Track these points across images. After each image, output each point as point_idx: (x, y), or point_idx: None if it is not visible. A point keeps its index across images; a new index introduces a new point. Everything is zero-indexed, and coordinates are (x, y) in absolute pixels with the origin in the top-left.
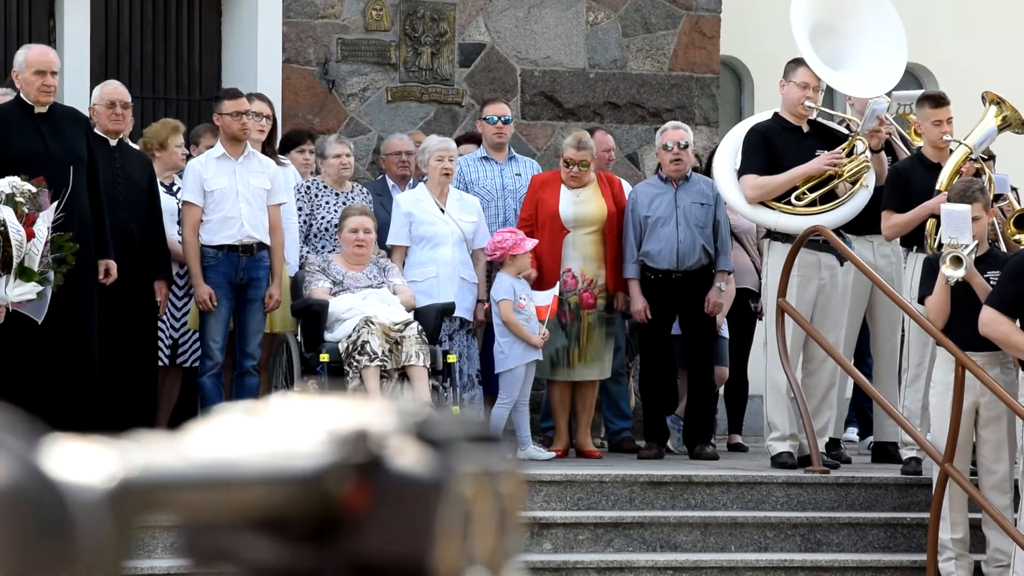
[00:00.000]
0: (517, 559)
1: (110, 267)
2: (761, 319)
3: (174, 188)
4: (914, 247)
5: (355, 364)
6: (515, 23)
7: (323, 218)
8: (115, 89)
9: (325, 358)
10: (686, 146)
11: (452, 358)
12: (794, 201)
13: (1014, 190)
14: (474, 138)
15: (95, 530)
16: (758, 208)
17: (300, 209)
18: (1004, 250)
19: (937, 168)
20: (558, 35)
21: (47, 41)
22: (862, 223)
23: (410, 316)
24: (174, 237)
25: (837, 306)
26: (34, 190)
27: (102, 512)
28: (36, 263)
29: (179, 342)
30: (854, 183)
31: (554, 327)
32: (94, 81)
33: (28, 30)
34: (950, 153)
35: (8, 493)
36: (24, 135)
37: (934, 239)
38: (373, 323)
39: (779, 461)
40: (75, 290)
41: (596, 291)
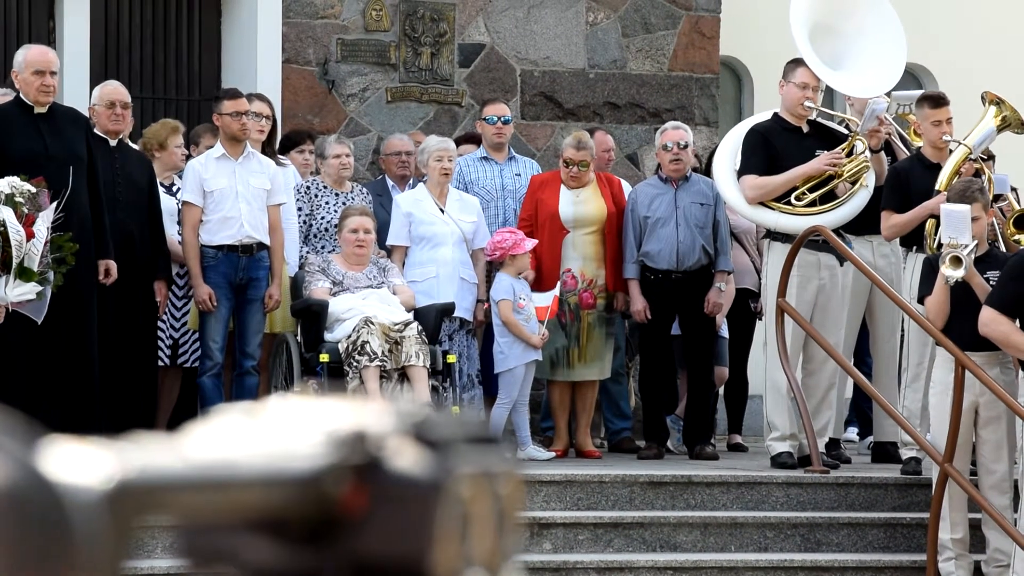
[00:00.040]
0: (515, 560)
1: (110, 267)
2: (761, 319)
3: (174, 188)
4: (914, 247)
5: (355, 364)
6: (515, 23)
7: (323, 218)
8: (115, 89)
9: (325, 358)
10: (686, 146)
11: (452, 358)
12: (794, 201)
13: (1014, 190)
14: (474, 138)
15: (92, 531)
16: (758, 208)
17: (300, 209)
18: (1004, 250)
19: (937, 168)
20: (558, 35)
21: (47, 41)
22: (862, 223)
23: (410, 316)
24: (174, 237)
25: (837, 306)
26: (34, 190)
27: (100, 513)
28: (36, 263)
29: (179, 342)
30: (854, 183)
31: (554, 327)
32: (94, 81)
33: (28, 30)
34: (949, 153)
35: (5, 494)
36: (24, 135)
37: (934, 239)
38: (373, 323)
39: (779, 461)
40: (75, 290)
41: (596, 291)
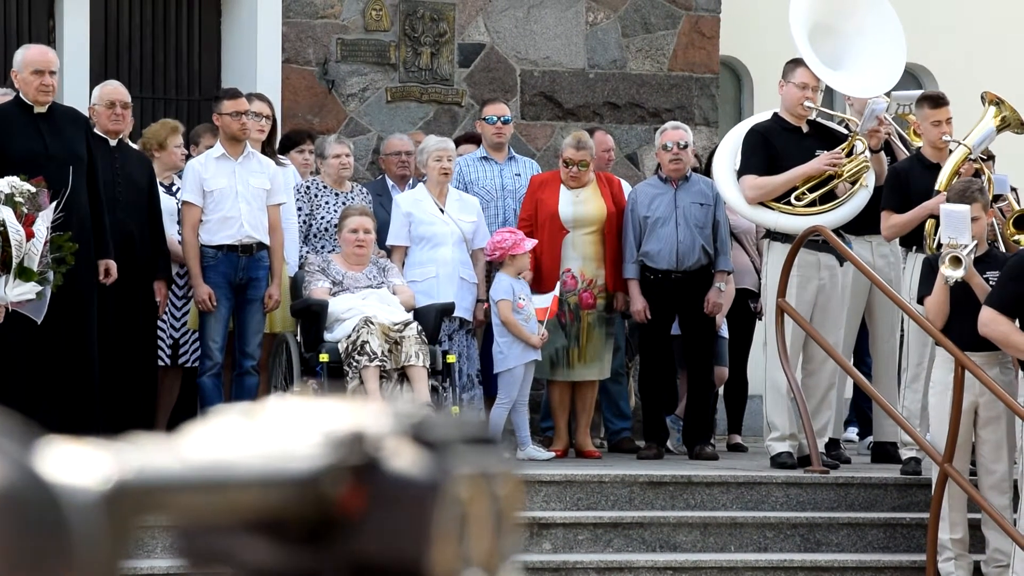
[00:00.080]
0: (514, 560)
1: (110, 267)
2: (761, 319)
3: (173, 188)
4: (913, 247)
5: (355, 364)
6: (515, 23)
7: (323, 218)
8: (115, 89)
9: (325, 358)
10: (685, 146)
11: (452, 358)
12: (794, 201)
13: (1013, 190)
14: (474, 138)
15: (90, 532)
16: (758, 208)
17: (300, 209)
18: (1003, 250)
19: (936, 168)
20: (558, 35)
21: (47, 41)
22: (861, 223)
23: (410, 316)
24: (174, 237)
25: (837, 306)
26: (33, 190)
27: (97, 514)
28: (35, 263)
29: (180, 342)
30: (854, 183)
31: (554, 327)
32: (94, 81)
33: (28, 30)
34: (949, 153)
35: (3, 496)
36: (24, 135)
37: (933, 239)
38: (373, 323)
39: (779, 461)
40: (75, 290)
41: (596, 291)
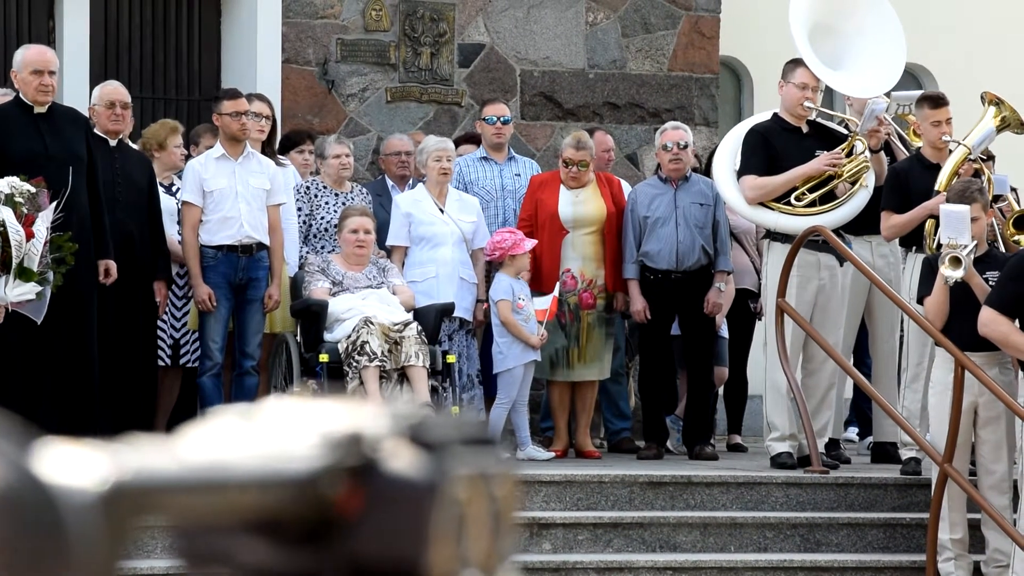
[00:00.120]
0: (511, 561)
1: (110, 267)
2: (760, 319)
3: (173, 188)
4: (913, 247)
5: (354, 364)
6: (514, 23)
7: (323, 218)
8: (115, 89)
9: (324, 358)
10: (685, 146)
11: (451, 358)
12: (793, 201)
13: (1013, 191)
14: (473, 138)
15: (87, 534)
16: (757, 208)
17: (300, 209)
18: (1003, 251)
19: (936, 168)
20: (557, 35)
21: (47, 41)
22: (861, 223)
23: (409, 316)
24: (174, 237)
25: (837, 306)
26: (33, 190)
27: (94, 515)
28: (35, 263)
29: (180, 342)
30: (853, 183)
31: (553, 327)
32: (94, 81)
33: (28, 31)
34: (949, 153)
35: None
36: (23, 135)
37: (933, 239)
38: (372, 323)
39: (778, 461)
40: (74, 290)
41: (595, 291)
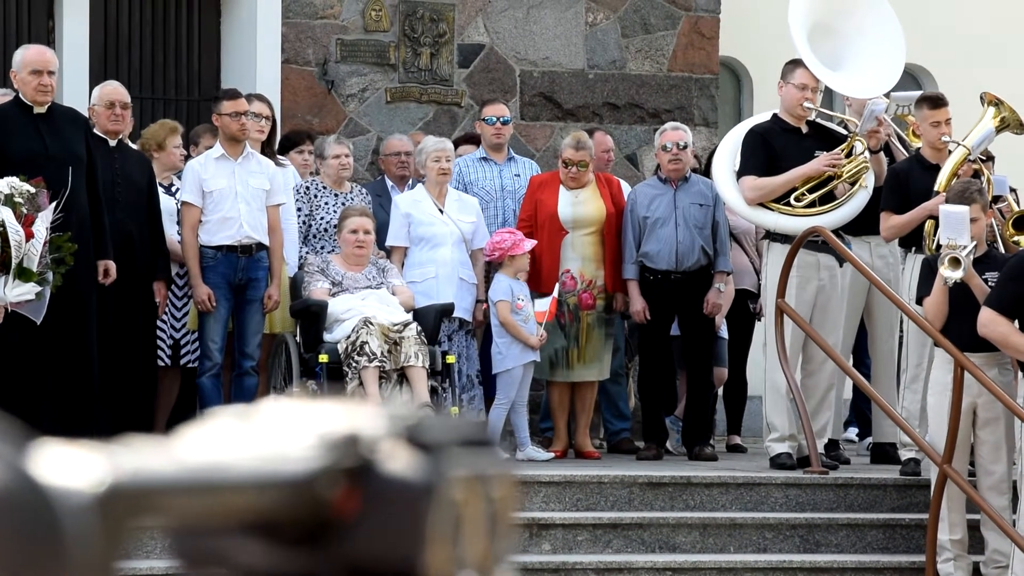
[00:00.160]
0: (508, 563)
1: (109, 267)
2: (760, 320)
3: (173, 189)
4: (912, 248)
5: (354, 365)
6: (514, 24)
7: (322, 219)
8: (114, 90)
9: (324, 359)
10: (685, 147)
11: (451, 359)
12: (793, 202)
13: (1013, 191)
14: (473, 139)
15: (84, 535)
16: (757, 209)
17: (299, 210)
18: (1002, 251)
19: (936, 169)
20: (557, 36)
21: (46, 41)
22: (860, 224)
23: (409, 317)
24: (173, 237)
25: (836, 307)
26: (33, 190)
27: (91, 517)
28: (35, 263)
29: (180, 343)
30: (853, 184)
31: (553, 328)
32: (93, 81)
33: (28, 31)
34: (948, 154)
35: None
36: (23, 135)
37: (932, 240)
38: (372, 324)
39: (778, 462)
40: (74, 290)
41: (595, 292)
